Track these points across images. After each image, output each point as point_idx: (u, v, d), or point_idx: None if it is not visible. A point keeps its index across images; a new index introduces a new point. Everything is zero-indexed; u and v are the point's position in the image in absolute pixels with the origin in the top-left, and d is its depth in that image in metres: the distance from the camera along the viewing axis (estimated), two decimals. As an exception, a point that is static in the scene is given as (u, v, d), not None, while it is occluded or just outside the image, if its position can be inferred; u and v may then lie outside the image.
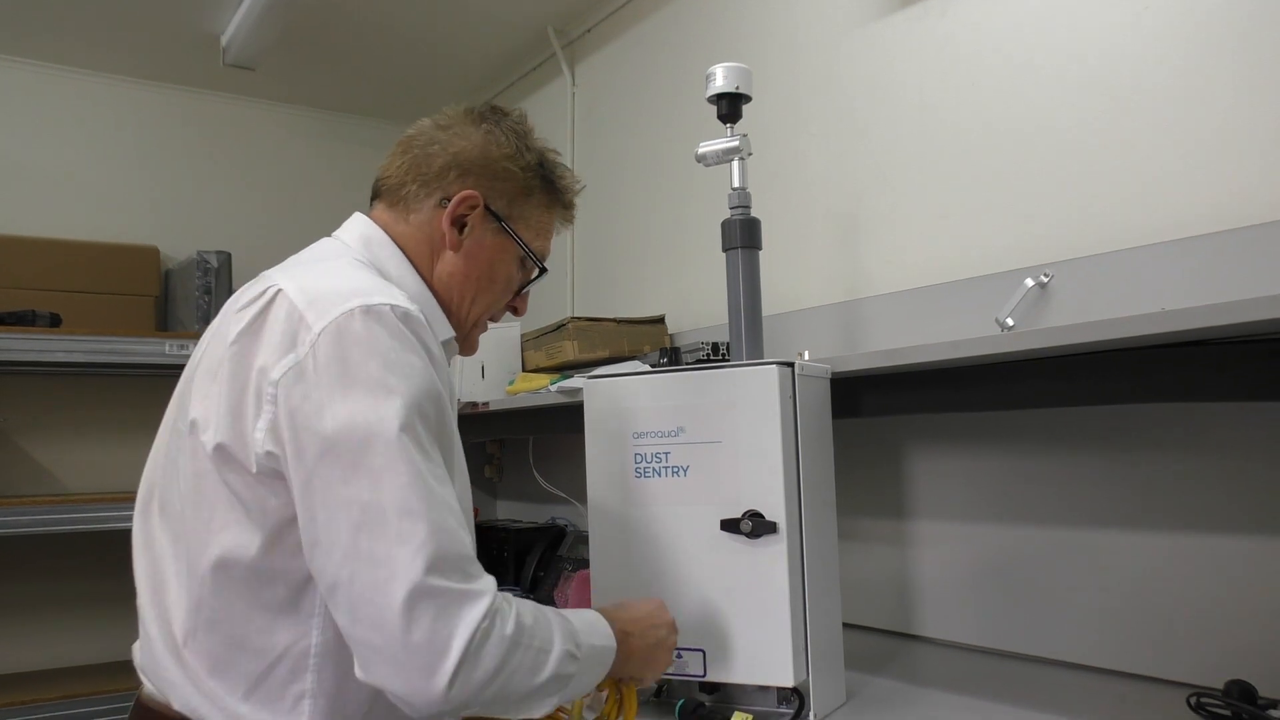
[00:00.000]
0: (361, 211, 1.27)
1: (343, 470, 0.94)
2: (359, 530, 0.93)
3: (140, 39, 3.15)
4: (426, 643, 0.90)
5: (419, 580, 0.91)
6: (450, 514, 0.97)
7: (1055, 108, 1.68)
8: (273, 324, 1.01)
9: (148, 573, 1.11)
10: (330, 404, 0.95)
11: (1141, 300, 1.47)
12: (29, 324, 2.65)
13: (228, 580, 1.01)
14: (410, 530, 0.92)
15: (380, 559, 0.92)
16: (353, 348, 0.97)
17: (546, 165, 1.28)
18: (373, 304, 1.00)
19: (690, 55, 2.58)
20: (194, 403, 1.06)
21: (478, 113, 1.26)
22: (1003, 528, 1.72)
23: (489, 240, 1.23)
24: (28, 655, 2.96)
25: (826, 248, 2.12)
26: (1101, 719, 1.33)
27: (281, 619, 1.02)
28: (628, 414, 1.44)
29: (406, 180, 1.22)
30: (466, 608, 0.93)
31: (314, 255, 1.20)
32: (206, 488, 1.03)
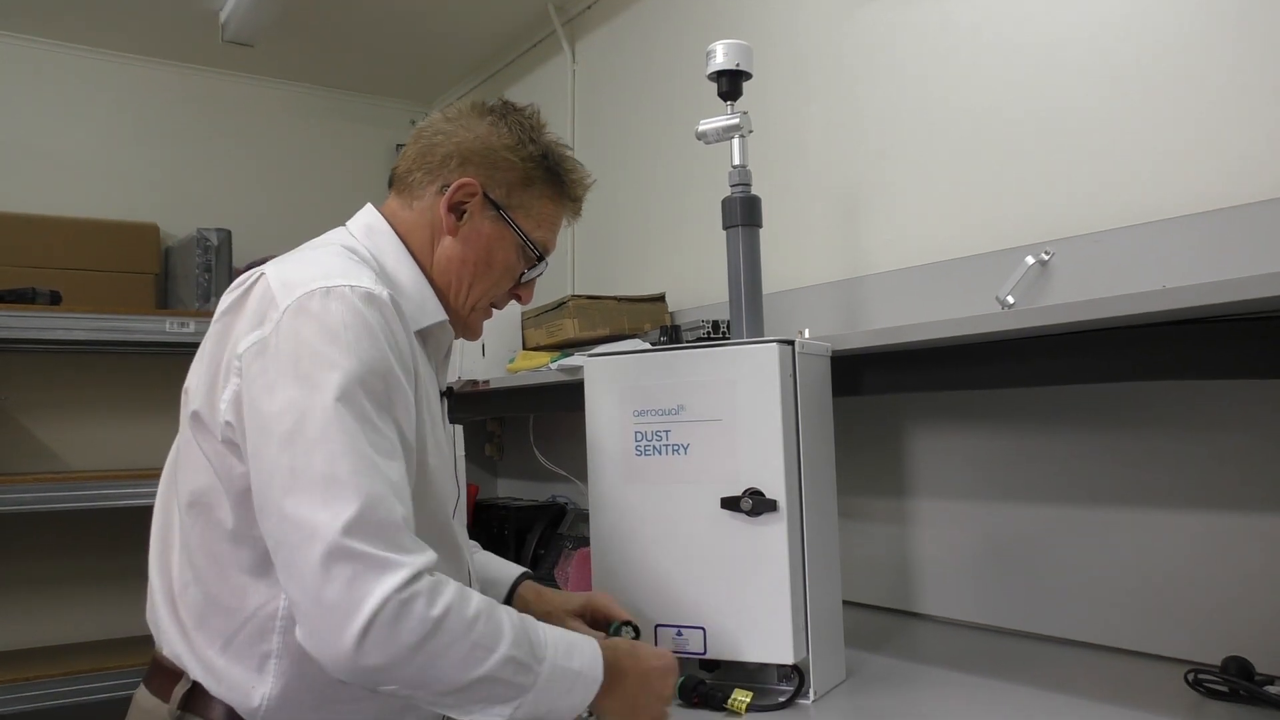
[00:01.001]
0: (376, 199, 1.32)
1: (280, 439, 0.99)
2: (287, 494, 0.97)
3: (139, 15, 3.13)
4: (338, 602, 0.93)
5: (336, 540, 0.94)
6: (385, 484, 0.99)
7: (1055, 86, 1.67)
8: (250, 304, 1.09)
9: (160, 534, 1.19)
10: (279, 378, 1.01)
11: (1142, 278, 1.46)
12: (29, 302, 2.65)
13: (207, 539, 1.09)
14: (335, 494, 0.96)
15: (303, 521, 0.96)
16: (305, 325, 1.02)
17: (552, 158, 1.29)
18: (333, 285, 1.05)
19: (691, 32, 2.57)
20: (189, 376, 1.16)
21: (486, 106, 1.29)
22: (1003, 505, 1.72)
23: (486, 228, 1.26)
24: (30, 632, 2.97)
25: (827, 225, 2.11)
26: (1100, 696, 1.33)
27: (252, 582, 1.08)
28: (628, 392, 1.44)
29: (413, 168, 1.27)
30: (385, 574, 0.95)
31: (314, 242, 1.25)
32: (187, 451, 1.12)
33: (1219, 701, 1.28)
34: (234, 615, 1.08)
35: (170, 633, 1.13)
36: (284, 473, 0.98)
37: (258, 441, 1.01)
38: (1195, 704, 1.28)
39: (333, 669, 0.95)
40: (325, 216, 4.18)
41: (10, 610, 2.96)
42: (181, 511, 1.13)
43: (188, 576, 1.12)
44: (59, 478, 2.69)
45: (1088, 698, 1.32)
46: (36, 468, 3.03)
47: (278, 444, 0.99)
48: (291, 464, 0.97)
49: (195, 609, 1.11)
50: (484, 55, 3.53)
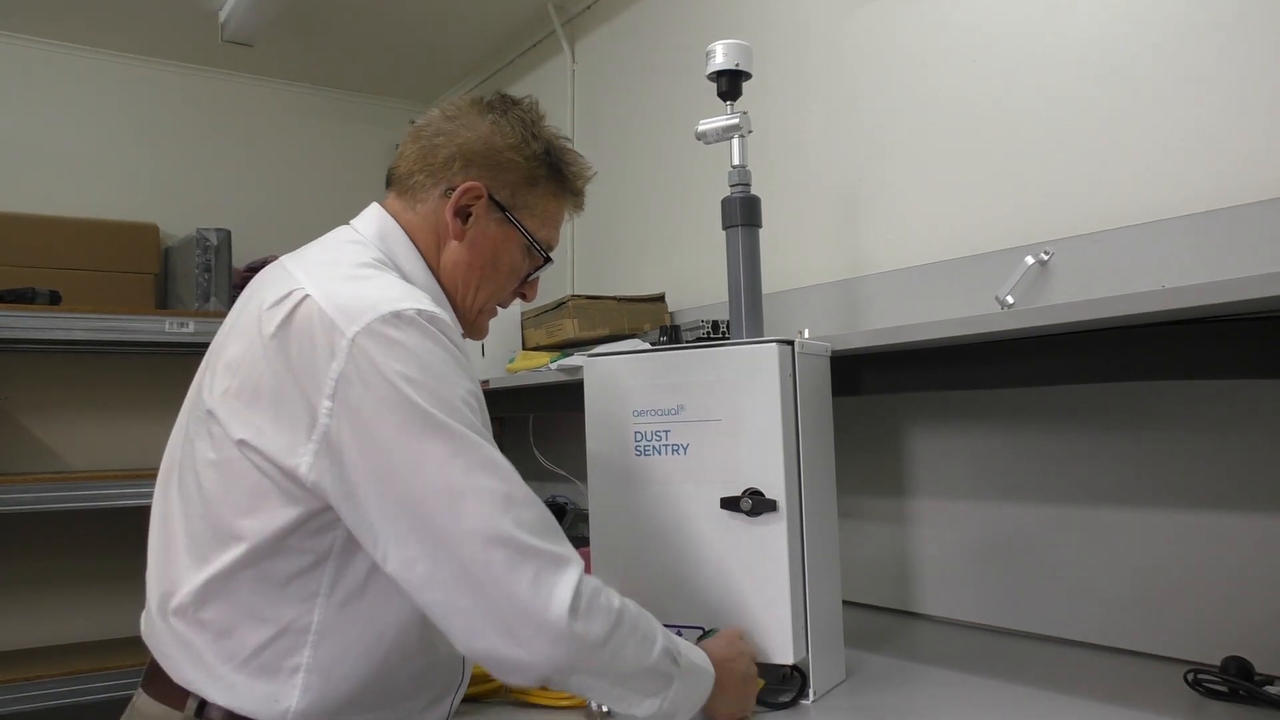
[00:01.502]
0: (375, 198, 1.30)
1: (412, 469, 0.98)
2: (445, 514, 0.98)
3: (138, 15, 3.13)
4: (530, 599, 0.96)
5: (517, 542, 0.98)
6: (520, 485, 1.03)
7: (1055, 85, 1.67)
8: (303, 330, 1.03)
9: (160, 546, 1.14)
10: (389, 415, 0.99)
11: (1141, 277, 1.46)
12: (29, 301, 2.65)
13: (247, 556, 1.05)
14: (494, 502, 0.99)
15: (475, 531, 0.97)
16: (395, 357, 1.00)
17: (554, 153, 1.28)
18: (401, 309, 1.03)
19: (690, 32, 2.56)
20: (214, 395, 1.09)
21: (485, 103, 1.27)
22: (1003, 505, 1.72)
23: (493, 230, 1.25)
24: (30, 632, 2.97)
25: (827, 225, 2.11)
26: (1100, 696, 1.33)
27: (289, 593, 1.05)
28: (628, 392, 1.44)
29: (414, 170, 1.25)
30: (565, 569, 1.00)
31: (332, 249, 1.20)
32: (234, 470, 1.05)
33: (1219, 701, 1.28)
34: (266, 626, 1.05)
35: (173, 656, 1.08)
36: (434, 494, 0.98)
37: (382, 476, 0.99)
38: (1195, 704, 1.28)
39: (525, 665, 0.98)
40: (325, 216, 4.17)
41: (10, 610, 2.96)
42: (216, 527, 1.07)
43: (205, 592, 1.06)
44: (59, 478, 2.70)
45: (1088, 698, 1.32)
46: (36, 468, 3.03)
47: (411, 474, 0.98)
48: (439, 486, 0.98)
49: (213, 624, 1.05)
50: (484, 55, 3.53)
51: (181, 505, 1.12)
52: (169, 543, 1.12)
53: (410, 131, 1.29)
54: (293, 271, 1.12)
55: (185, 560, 1.09)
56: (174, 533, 1.12)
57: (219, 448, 1.06)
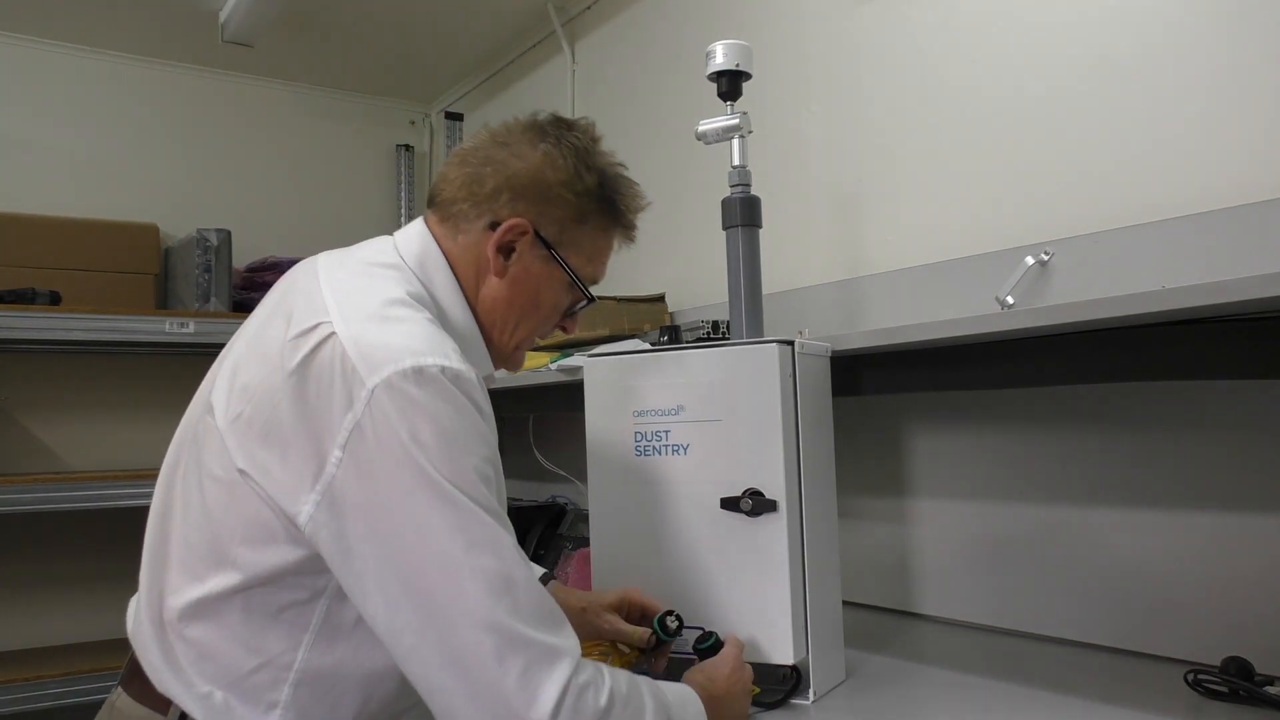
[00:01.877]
0: (375, 198, 1.27)
1: (414, 537, 0.95)
2: (441, 588, 0.94)
3: (138, 15, 3.13)
4: (515, 692, 0.93)
5: (508, 629, 0.94)
6: (526, 565, 0.99)
7: (1056, 85, 1.67)
8: (324, 372, 1.00)
9: (155, 543, 1.12)
10: (398, 476, 0.96)
11: (1142, 278, 1.46)
12: (29, 302, 2.65)
13: (241, 585, 1.03)
14: (492, 585, 0.95)
15: (466, 612, 0.93)
16: (411, 416, 0.97)
17: (607, 185, 1.23)
18: (425, 365, 0.99)
19: (690, 32, 2.56)
20: (224, 413, 1.06)
21: (539, 127, 1.21)
22: (1003, 505, 1.72)
23: (536, 267, 1.19)
24: (29, 632, 2.98)
25: (827, 226, 2.11)
26: (1100, 696, 1.33)
27: (277, 625, 1.03)
28: (628, 392, 1.44)
29: (459, 197, 1.19)
30: (556, 663, 0.95)
31: (369, 271, 1.15)
32: (238, 495, 1.02)
33: (1219, 702, 1.28)
34: (249, 656, 1.03)
35: (158, 667, 1.06)
36: (433, 567, 0.95)
37: (383, 539, 0.96)
38: (1195, 704, 1.28)
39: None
40: (325, 216, 4.18)
41: (8, 610, 2.96)
42: (214, 547, 1.05)
43: (194, 610, 1.04)
44: (59, 478, 2.70)
45: (1088, 698, 1.32)
46: (36, 468, 3.03)
47: (412, 542, 0.95)
48: (439, 559, 0.95)
49: (197, 642, 1.04)
50: (484, 55, 3.53)
51: (182, 509, 1.10)
52: (164, 542, 1.10)
53: (456, 153, 1.23)
54: (325, 294, 1.07)
55: (177, 569, 1.07)
56: (170, 534, 1.10)
57: (225, 468, 1.04)
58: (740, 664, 1.26)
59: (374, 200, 3.83)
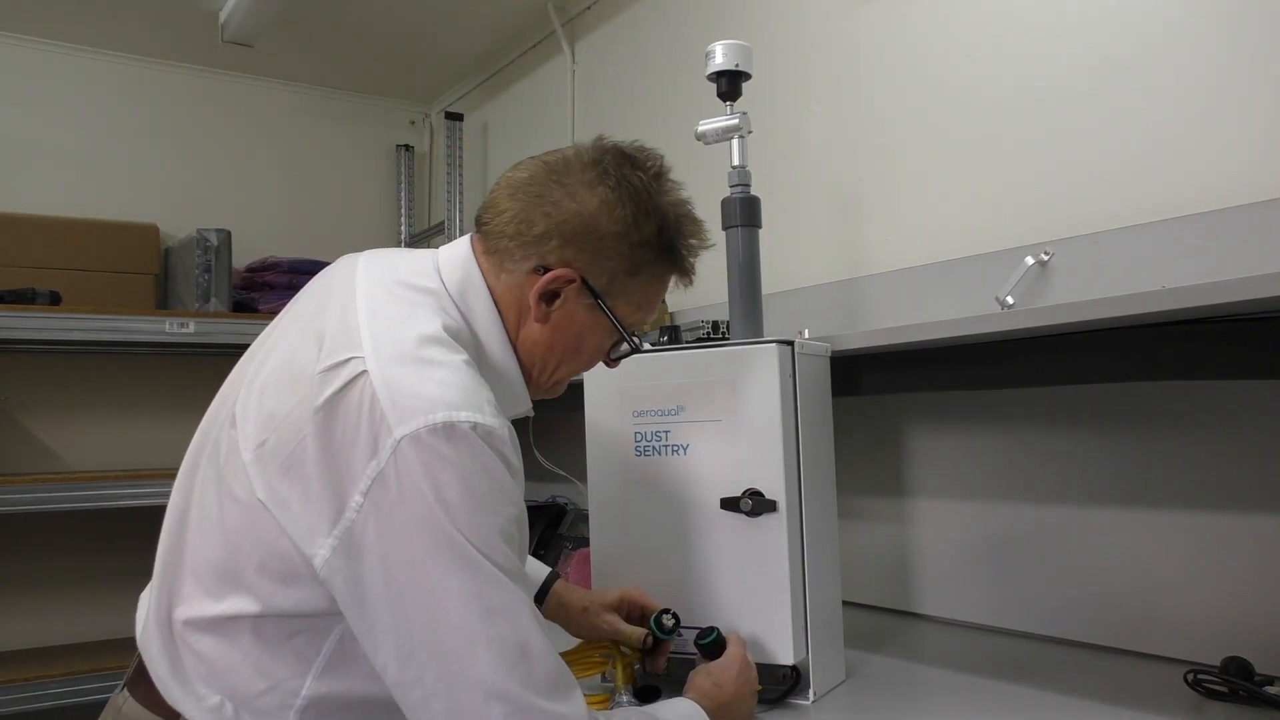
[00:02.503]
0: (375, 198, 1.24)
1: (429, 598, 0.93)
2: (452, 654, 0.93)
3: (138, 15, 3.13)
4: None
5: (520, 700, 0.93)
6: (542, 630, 0.98)
7: (1056, 85, 1.67)
8: (352, 414, 0.96)
9: (171, 544, 1.09)
10: (420, 534, 0.93)
11: (1142, 278, 1.46)
12: (29, 302, 2.65)
13: (256, 612, 1.01)
14: (504, 654, 0.94)
15: (480, 681, 0.93)
16: (439, 474, 0.94)
17: (667, 231, 1.17)
18: (456, 420, 0.95)
19: (690, 32, 2.56)
20: (246, 438, 1.03)
21: (600, 166, 1.15)
22: (1002, 506, 1.72)
23: (581, 315, 1.15)
24: (30, 632, 2.97)
25: (827, 226, 2.11)
26: (1100, 696, 1.33)
27: (287, 651, 1.01)
28: (628, 392, 1.44)
29: (506, 233, 1.13)
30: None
31: (409, 294, 1.10)
32: (259, 521, 1.00)
33: (1219, 702, 1.28)
34: (257, 679, 1.01)
35: (165, 676, 1.04)
36: (447, 631, 0.93)
37: (399, 594, 0.94)
38: (1195, 704, 1.28)
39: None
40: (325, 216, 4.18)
41: (10, 610, 2.96)
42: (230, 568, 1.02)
43: (200, 626, 1.02)
44: (59, 478, 2.69)
45: (1088, 698, 1.32)
46: (36, 468, 3.03)
47: (428, 602, 0.93)
48: (454, 623, 0.93)
49: (205, 659, 1.02)
50: (484, 55, 3.53)
51: (199, 519, 1.07)
52: (178, 549, 1.08)
53: (508, 181, 1.17)
54: (360, 319, 1.04)
55: (190, 580, 1.05)
56: (185, 542, 1.07)
57: (246, 492, 1.01)
58: (746, 664, 1.26)
59: (374, 200, 3.83)
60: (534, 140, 3.31)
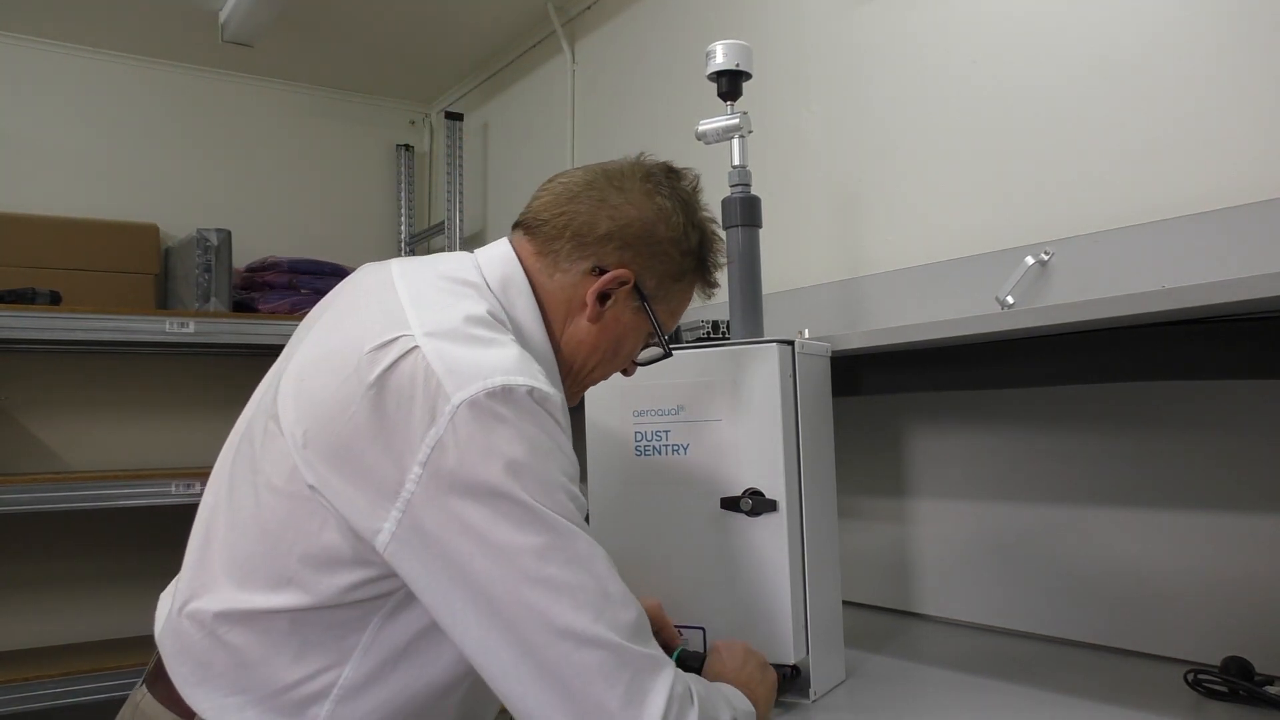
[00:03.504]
0: (375, 198, 1.25)
1: (501, 556, 0.92)
2: (546, 610, 0.92)
3: (138, 15, 3.13)
4: (622, 706, 0.91)
5: (615, 645, 0.93)
6: (617, 581, 0.98)
7: (1056, 85, 1.67)
8: (405, 386, 0.96)
9: (201, 543, 1.09)
10: (478, 491, 0.93)
11: (1142, 278, 1.46)
12: (29, 302, 2.64)
13: (299, 604, 0.99)
14: (594, 601, 0.94)
15: (575, 631, 0.92)
16: (495, 433, 0.94)
17: (705, 245, 1.23)
18: (514, 384, 0.96)
19: (690, 32, 2.56)
20: (290, 423, 1.01)
21: (655, 178, 1.21)
22: (1003, 505, 1.72)
23: (627, 317, 1.18)
24: (30, 632, 2.97)
25: (827, 226, 2.11)
26: (1100, 696, 1.33)
27: (326, 640, 1.00)
28: (628, 392, 1.44)
29: (564, 235, 1.16)
30: (658, 674, 0.95)
31: (450, 287, 1.11)
32: (303, 511, 0.99)
33: (1219, 701, 1.28)
34: (293, 668, 1.00)
35: (185, 673, 1.03)
36: (527, 587, 0.92)
37: (471, 559, 0.93)
38: (1195, 704, 1.28)
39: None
40: (325, 216, 4.18)
41: (9, 610, 2.96)
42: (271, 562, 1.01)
43: (244, 619, 1.01)
44: (59, 478, 2.69)
45: (1088, 698, 1.32)
46: (36, 468, 3.03)
47: (503, 563, 0.92)
48: (533, 579, 0.92)
49: (242, 653, 1.00)
50: (484, 55, 3.53)
51: (229, 513, 1.06)
52: (207, 544, 1.07)
53: (564, 185, 1.20)
54: (404, 304, 1.04)
55: (223, 575, 1.03)
56: (214, 537, 1.06)
57: (288, 480, 1.00)
58: (744, 651, 1.25)
59: (374, 200, 3.83)
60: (534, 140, 3.31)
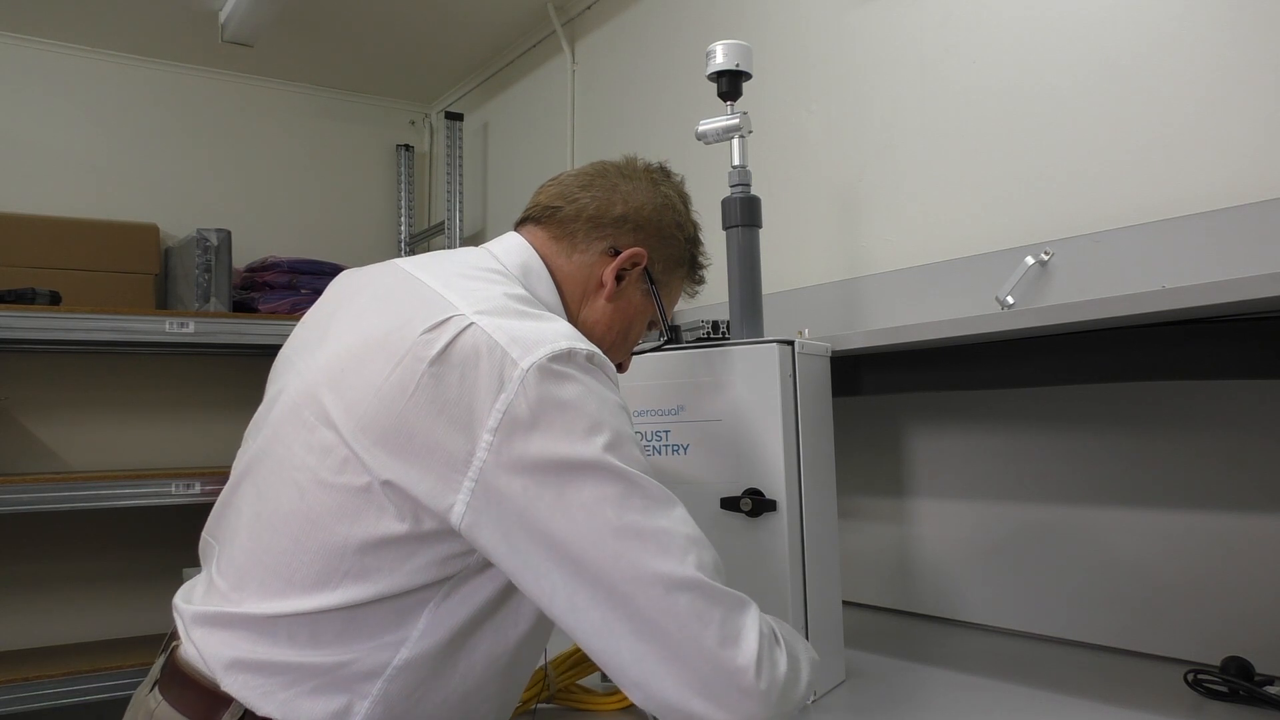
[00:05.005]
0: (376, 197, 1.25)
1: (584, 510, 0.93)
2: (617, 560, 0.92)
3: (138, 15, 3.13)
4: (720, 643, 0.91)
5: (703, 585, 0.93)
6: (695, 525, 0.99)
7: (1057, 85, 1.67)
8: (468, 358, 0.95)
9: (227, 539, 1.07)
10: (552, 450, 0.93)
11: (1142, 278, 1.47)
12: (29, 302, 2.65)
13: (362, 598, 0.97)
14: (679, 544, 0.94)
15: (663, 575, 0.92)
16: (567, 390, 0.95)
17: (698, 238, 1.31)
18: (576, 348, 0.98)
19: (690, 32, 2.56)
20: (344, 420, 0.99)
21: (655, 172, 1.31)
22: (1002, 505, 1.72)
23: (637, 299, 1.23)
24: (30, 632, 2.97)
25: (827, 226, 2.11)
26: (1100, 696, 1.33)
27: (374, 635, 0.98)
28: (628, 392, 1.44)
29: (581, 217, 1.21)
30: (746, 607, 0.95)
31: (476, 274, 1.10)
32: (354, 506, 0.97)
33: (1219, 701, 1.28)
34: (342, 650, 0.97)
35: (214, 663, 0.99)
36: (614, 537, 0.92)
37: (552, 518, 0.92)
38: (1195, 704, 1.28)
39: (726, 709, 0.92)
40: (325, 216, 4.17)
41: (10, 610, 2.96)
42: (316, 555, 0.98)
43: (289, 620, 0.98)
44: (59, 478, 2.69)
45: (1088, 698, 1.32)
46: (37, 468, 3.03)
47: (586, 516, 0.92)
48: (618, 528, 0.92)
49: (290, 639, 0.98)
50: (484, 55, 3.53)
51: (260, 515, 1.04)
52: (236, 545, 1.05)
53: (575, 176, 1.26)
54: (440, 291, 1.04)
55: (259, 577, 1.00)
56: (242, 541, 1.04)
57: (340, 472, 0.98)
58: None
59: (374, 200, 3.83)
60: (534, 140, 3.31)
